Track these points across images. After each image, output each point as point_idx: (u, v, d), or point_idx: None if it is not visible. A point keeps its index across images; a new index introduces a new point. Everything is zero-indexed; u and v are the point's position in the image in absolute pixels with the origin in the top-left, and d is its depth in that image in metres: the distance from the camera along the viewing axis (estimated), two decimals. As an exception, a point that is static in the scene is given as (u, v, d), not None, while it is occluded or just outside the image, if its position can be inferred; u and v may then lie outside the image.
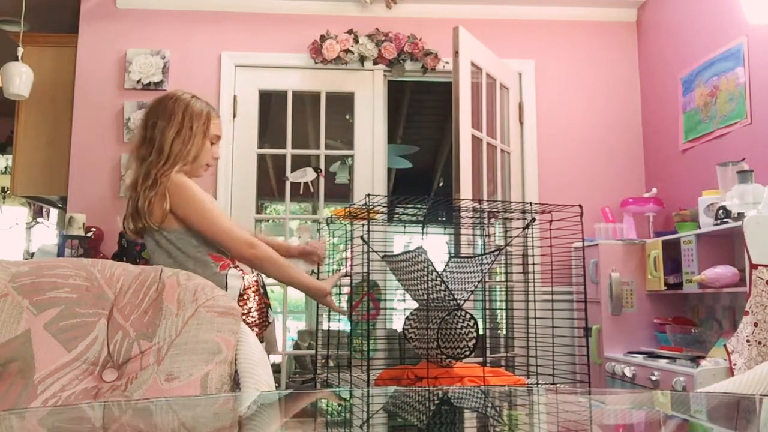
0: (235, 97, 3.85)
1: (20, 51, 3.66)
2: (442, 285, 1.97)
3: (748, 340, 2.23)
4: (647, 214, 3.56)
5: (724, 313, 2.99)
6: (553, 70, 4.00)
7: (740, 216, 2.50)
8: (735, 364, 2.29)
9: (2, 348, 1.18)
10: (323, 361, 2.53)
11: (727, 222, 2.63)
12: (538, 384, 2.21)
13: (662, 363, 2.75)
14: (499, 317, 3.83)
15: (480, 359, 2.58)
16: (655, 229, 3.50)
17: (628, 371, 2.95)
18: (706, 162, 3.22)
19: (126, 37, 3.87)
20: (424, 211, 2.39)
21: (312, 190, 3.77)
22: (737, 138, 3.05)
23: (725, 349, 2.35)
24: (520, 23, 4.03)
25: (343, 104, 4.24)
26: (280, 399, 1.25)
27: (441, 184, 7.68)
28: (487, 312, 3.55)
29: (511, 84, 3.83)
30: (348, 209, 2.35)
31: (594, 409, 1.13)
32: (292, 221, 4.16)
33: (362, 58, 3.88)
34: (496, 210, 2.68)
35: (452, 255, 2.35)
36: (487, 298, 3.43)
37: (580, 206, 2.26)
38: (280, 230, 6.44)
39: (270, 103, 4.57)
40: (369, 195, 2.13)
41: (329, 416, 1.10)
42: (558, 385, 2.16)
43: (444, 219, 4.47)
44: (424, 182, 7.58)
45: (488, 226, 2.99)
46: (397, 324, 3.03)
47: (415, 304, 2.13)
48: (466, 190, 3.15)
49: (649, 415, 1.07)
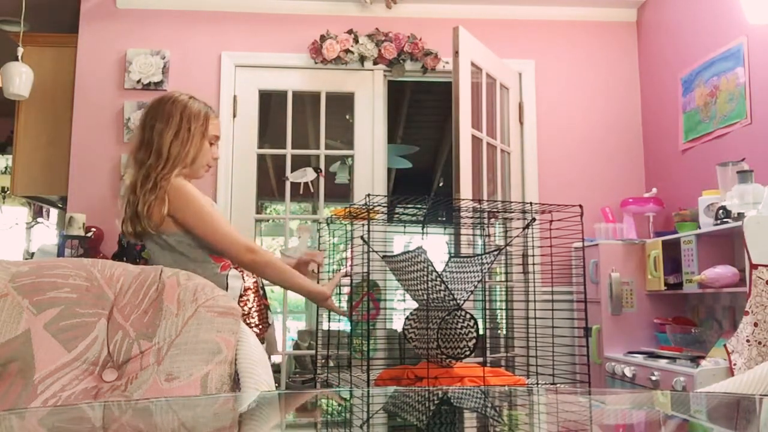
0: (235, 97, 3.85)
1: (20, 51, 3.66)
2: (442, 285, 1.97)
3: (748, 340, 2.23)
4: (647, 214, 3.56)
5: (724, 313, 2.99)
6: (553, 70, 4.00)
7: (740, 216, 2.50)
8: (735, 364, 2.29)
9: (2, 348, 1.18)
10: (323, 361, 2.53)
11: (727, 222, 2.63)
12: (538, 384, 2.21)
13: (662, 363, 2.75)
14: (499, 317, 3.83)
15: (480, 359, 2.58)
16: (655, 229, 3.50)
17: (628, 371, 2.95)
18: (706, 162, 3.22)
19: (126, 37, 3.87)
20: (424, 211, 2.39)
21: (312, 190, 3.77)
22: (737, 138, 3.05)
23: (725, 349, 2.35)
24: (520, 23, 4.03)
25: (343, 104, 4.24)
26: (280, 399, 1.25)
27: (441, 184, 7.68)
28: (487, 312, 3.55)
29: (511, 84, 3.83)
30: (348, 209, 2.35)
31: (594, 409, 1.13)
32: (292, 221, 4.16)
33: (362, 58, 3.88)
34: (496, 210, 2.68)
35: (452, 255, 2.35)
36: (487, 298, 3.43)
37: (580, 206, 2.26)
38: (280, 230, 6.44)
39: (270, 103, 4.57)
40: (369, 195, 2.13)
41: (329, 416, 1.09)
42: (558, 385, 2.16)
43: (444, 219, 4.47)
44: (424, 182, 7.58)
45: (488, 226, 2.99)
46: (397, 324, 3.03)
47: (415, 304, 2.13)
48: (466, 190, 3.15)
49: (649, 415, 1.07)
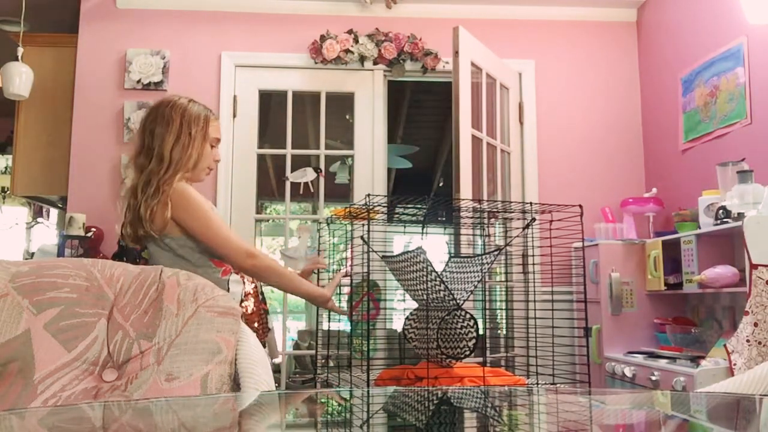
0: (235, 97, 3.84)
1: (20, 51, 3.66)
2: (442, 285, 1.97)
3: (748, 340, 2.23)
4: (647, 214, 3.56)
5: (724, 313, 2.98)
6: (553, 70, 4.00)
7: (740, 216, 2.50)
8: (735, 364, 2.29)
9: (2, 348, 1.18)
10: (323, 361, 2.53)
11: (727, 222, 2.63)
12: (538, 384, 2.21)
13: (662, 363, 2.75)
14: (499, 317, 3.83)
15: (480, 359, 2.58)
16: (655, 229, 3.50)
17: (628, 371, 2.95)
18: (706, 162, 3.22)
19: (126, 37, 3.87)
20: (424, 211, 2.39)
21: (312, 190, 3.77)
22: (737, 138, 3.05)
23: (725, 349, 2.35)
24: (520, 23, 4.03)
25: (343, 104, 4.24)
26: (280, 399, 1.25)
27: (441, 184, 7.68)
28: (487, 312, 3.54)
29: (511, 84, 3.83)
30: (348, 209, 2.35)
31: (594, 409, 1.13)
32: (292, 221, 4.16)
33: (362, 58, 3.88)
34: (496, 210, 2.68)
35: (452, 255, 2.35)
36: (487, 298, 3.43)
37: (580, 206, 2.26)
38: (280, 230, 6.43)
39: (270, 103, 4.57)
40: (369, 195, 2.13)
41: (329, 416, 1.09)
42: (558, 385, 2.16)
43: (444, 219, 4.47)
44: (424, 182, 7.57)
45: (488, 226, 2.99)
46: (397, 324, 3.03)
47: (415, 304, 2.13)
48: (466, 190, 3.15)
49: (649, 415, 1.07)
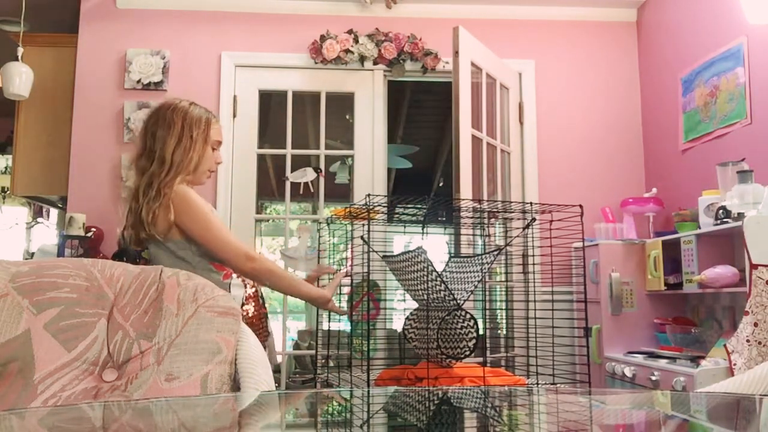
0: (235, 97, 3.84)
1: (20, 51, 3.66)
2: (442, 285, 1.97)
3: (748, 340, 2.23)
4: (647, 214, 3.56)
5: (724, 313, 2.98)
6: (553, 70, 4.00)
7: (740, 216, 2.50)
8: (735, 364, 2.29)
9: (2, 348, 1.18)
10: (323, 361, 2.53)
11: (727, 222, 2.63)
12: (538, 384, 2.21)
13: (662, 363, 2.75)
14: (499, 317, 3.83)
15: (480, 359, 2.58)
16: (655, 229, 3.50)
17: (628, 371, 2.95)
18: (706, 162, 3.22)
19: (126, 37, 3.87)
20: (424, 211, 2.39)
21: (312, 190, 3.77)
22: (737, 138, 3.05)
23: (725, 349, 2.35)
24: (520, 23, 4.03)
25: (343, 104, 4.24)
26: (280, 399, 1.25)
27: (441, 184, 7.68)
28: (487, 312, 3.54)
29: (511, 84, 3.83)
30: (348, 209, 2.35)
31: (594, 409, 1.13)
32: (292, 221, 4.16)
33: (362, 58, 3.88)
34: (496, 210, 2.68)
35: (452, 255, 2.35)
36: (487, 298, 3.43)
37: (581, 206, 2.26)
38: (280, 230, 6.43)
39: (270, 103, 4.57)
40: (369, 195, 2.13)
41: (329, 416, 1.09)
42: (558, 385, 2.16)
43: (444, 219, 4.47)
44: (424, 182, 7.58)
45: (488, 226, 2.99)
46: (397, 324, 3.03)
47: (415, 304, 2.13)
48: (466, 190, 3.15)
49: (649, 415, 1.07)
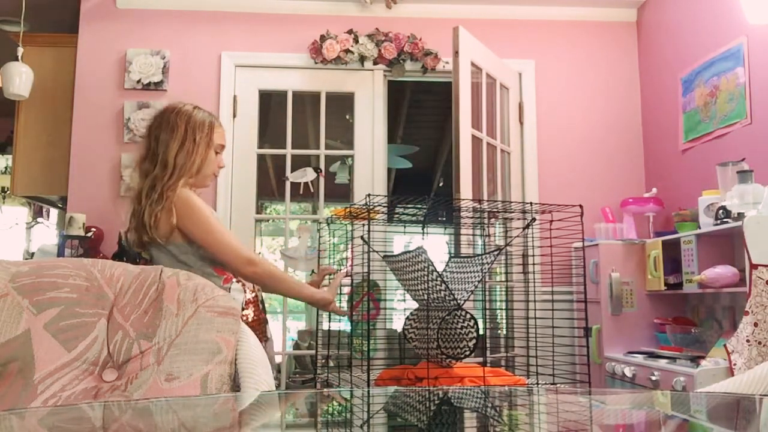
0: (235, 97, 3.84)
1: (20, 51, 3.66)
2: (442, 285, 1.97)
3: (748, 340, 2.23)
4: (647, 214, 3.56)
5: (724, 313, 2.98)
6: (553, 70, 4.00)
7: (740, 216, 2.50)
8: (735, 364, 2.29)
9: (2, 348, 1.18)
10: (323, 361, 2.53)
11: (727, 222, 2.63)
12: (538, 384, 2.21)
13: (662, 363, 2.75)
14: (499, 317, 3.83)
15: (480, 359, 2.58)
16: (655, 229, 3.50)
17: (628, 371, 2.95)
18: (706, 162, 3.22)
19: (126, 37, 3.87)
20: (424, 211, 2.39)
21: (312, 190, 3.77)
22: (737, 138, 3.05)
23: (725, 349, 2.35)
24: (520, 23, 4.03)
25: (343, 104, 4.24)
26: (280, 399, 1.25)
27: (441, 184, 7.68)
28: (487, 312, 3.54)
29: (511, 84, 3.83)
30: (348, 209, 2.35)
31: (594, 409, 1.13)
32: (292, 221, 4.16)
33: (362, 58, 3.88)
34: (496, 210, 2.68)
35: (452, 255, 2.35)
36: (487, 298, 3.43)
37: (581, 206, 2.26)
38: (280, 230, 6.44)
39: (270, 103, 4.57)
40: (369, 195, 2.13)
41: (329, 416, 1.09)
42: (558, 385, 2.16)
43: (444, 219, 4.47)
44: (424, 182, 7.58)
45: (488, 226, 2.99)
46: (397, 324, 3.03)
47: (415, 304, 2.13)
48: (466, 190, 3.15)
49: (649, 415, 1.07)
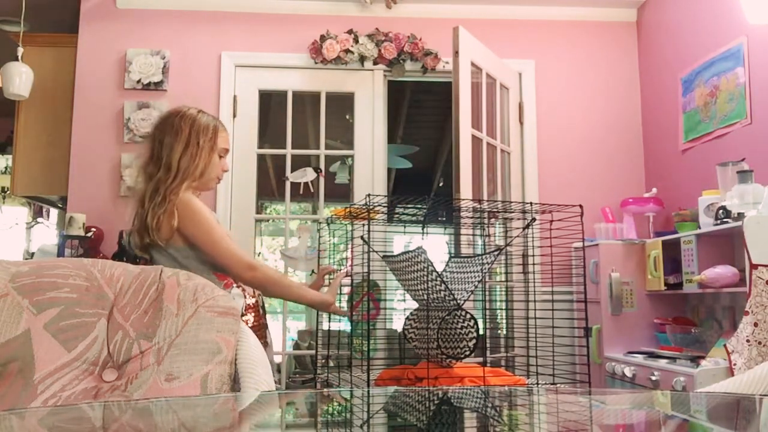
0: (235, 97, 3.84)
1: (20, 51, 3.66)
2: (442, 285, 1.97)
3: (748, 340, 2.23)
4: (647, 214, 3.56)
5: (724, 313, 2.98)
6: (553, 70, 4.00)
7: (740, 216, 2.50)
8: (735, 364, 2.29)
9: (2, 348, 1.18)
10: (323, 361, 2.53)
11: (727, 222, 2.63)
12: (538, 384, 2.21)
13: (662, 363, 2.75)
14: (499, 317, 3.83)
15: (480, 359, 2.58)
16: (655, 229, 3.50)
17: (628, 371, 2.95)
18: (706, 162, 3.22)
19: (126, 37, 3.87)
20: (424, 211, 2.39)
21: (312, 190, 3.77)
22: (737, 138, 3.05)
23: (725, 349, 2.35)
24: (520, 23, 4.03)
25: (343, 104, 4.24)
26: (280, 399, 1.25)
27: (441, 184, 7.68)
28: (487, 312, 3.54)
29: (511, 84, 3.83)
30: (348, 209, 2.35)
31: (594, 409, 1.13)
32: (292, 221, 4.16)
33: (362, 58, 3.88)
34: (496, 210, 2.68)
35: (452, 255, 2.35)
36: (487, 298, 3.43)
37: (581, 206, 2.26)
38: (280, 230, 6.45)
39: (270, 103, 4.57)
40: (369, 195, 2.13)
41: (329, 416, 1.09)
42: (558, 385, 2.16)
43: (444, 219, 4.47)
44: (424, 182, 7.58)
45: (488, 226, 2.99)
46: (397, 324, 3.03)
47: (415, 304, 2.13)
48: (466, 190, 3.15)
49: (649, 415, 1.07)
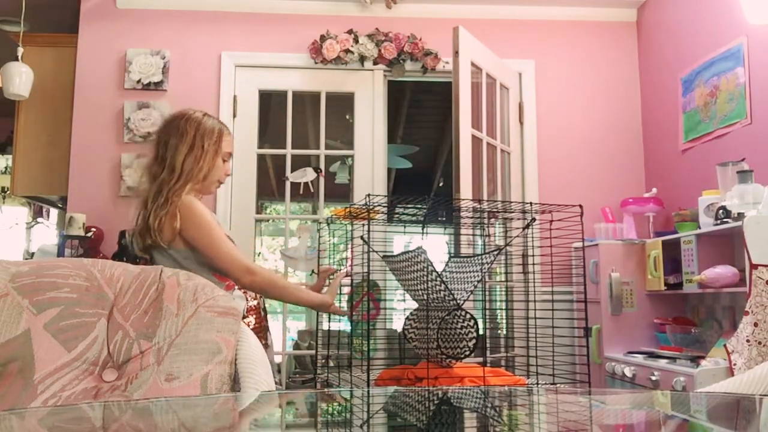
0: (235, 97, 3.84)
1: (20, 51, 3.66)
2: (442, 285, 1.97)
3: (748, 340, 2.23)
4: (647, 214, 3.56)
5: (724, 313, 2.98)
6: (553, 70, 4.00)
7: (740, 216, 2.50)
8: (735, 364, 2.29)
9: (2, 348, 1.18)
10: (323, 361, 2.53)
11: (727, 222, 2.63)
12: (538, 384, 2.21)
13: (662, 363, 2.75)
14: (499, 317, 3.83)
15: (480, 359, 2.58)
16: (655, 229, 3.50)
17: (628, 371, 2.95)
18: (706, 162, 3.22)
19: (126, 37, 3.87)
20: (424, 211, 2.39)
21: (312, 190, 3.77)
22: (737, 138, 3.05)
23: (725, 349, 2.35)
24: (520, 23, 4.03)
25: (343, 104, 4.24)
26: (280, 399, 1.25)
27: (441, 184, 7.68)
28: (487, 312, 3.54)
29: (511, 84, 3.83)
30: (348, 209, 2.35)
31: (594, 409, 1.13)
32: (292, 221, 4.16)
33: (362, 58, 3.88)
34: (496, 210, 2.68)
35: (452, 255, 2.35)
36: (487, 298, 3.43)
37: (581, 206, 2.26)
38: (280, 230, 6.45)
39: (270, 103, 4.57)
40: (369, 195, 2.13)
41: (329, 416, 1.09)
42: (558, 385, 2.16)
43: (444, 219, 4.47)
44: (424, 182, 7.58)
45: (488, 226, 2.99)
46: (397, 324, 3.03)
47: (415, 304, 2.13)
48: (466, 190, 3.14)
49: (649, 415, 1.07)
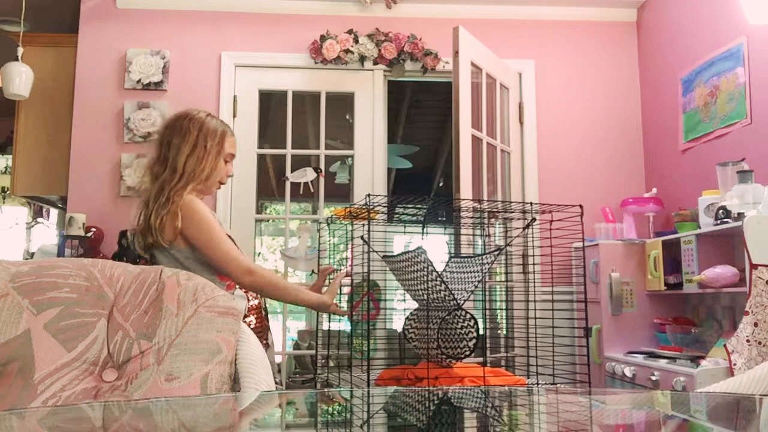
0: (235, 97, 3.84)
1: (20, 51, 3.66)
2: (442, 285, 1.97)
3: (748, 340, 2.23)
4: (647, 214, 3.56)
5: (724, 313, 2.98)
6: (553, 70, 4.00)
7: (740, 216, 2.50)
8: (735, 364, 2.29)
9: (2, 348, 1.18)
10: (323, 361, 2.54)
11: (727, 222, 2.63)
12: (538, 384, 2.21)
13: (662, 363, 2.75)
14: (499, 317, 3.83)
15: (480, 359, 2.58)
16: (655, 229, 3.49)
17: (628, 371, 2.95)
18: (706, 162, 3.22)
19: (126, 37, 3.87)
20: (424, 211, 2.39)
21: (312, 190, 3.77)
22: (737, 138, 3.05)
23: (725, 349, 2.35)
24: (520, 23, 4.03)
25: (343, 104, 4.24)
26: (280, 399, 1.25)
27: (441, 184, 7.68)
28: (487, 312, 3.54)
29: (511, 84, 3.83)
30: (348, 209, 2.35)
31: (594, 409, 1.13)
32: (292, 221, 4.16)
33: (362, 58, 3.88)
34: (496, 210, 2.68)
35: (452, 255, 2.35)
36: (487, 298, 3.43)
37: (581, 206, 2.26)
38: (280, 230, 6.45)
39: (270, 103, 4.57)
40: (369, 195, 2.13)
41: (329, 416, 1.09)
42: (558, 385, 2.16)
43: (444, 219, 4.47)
44: (424, 182, 7.58)
45: (488, 226, 2.99)
46: (397, 324, 3.03)
47: (415, 304, 2.13)
48: (466, 190, 3.14)
49: (649, 415, 1.07)
